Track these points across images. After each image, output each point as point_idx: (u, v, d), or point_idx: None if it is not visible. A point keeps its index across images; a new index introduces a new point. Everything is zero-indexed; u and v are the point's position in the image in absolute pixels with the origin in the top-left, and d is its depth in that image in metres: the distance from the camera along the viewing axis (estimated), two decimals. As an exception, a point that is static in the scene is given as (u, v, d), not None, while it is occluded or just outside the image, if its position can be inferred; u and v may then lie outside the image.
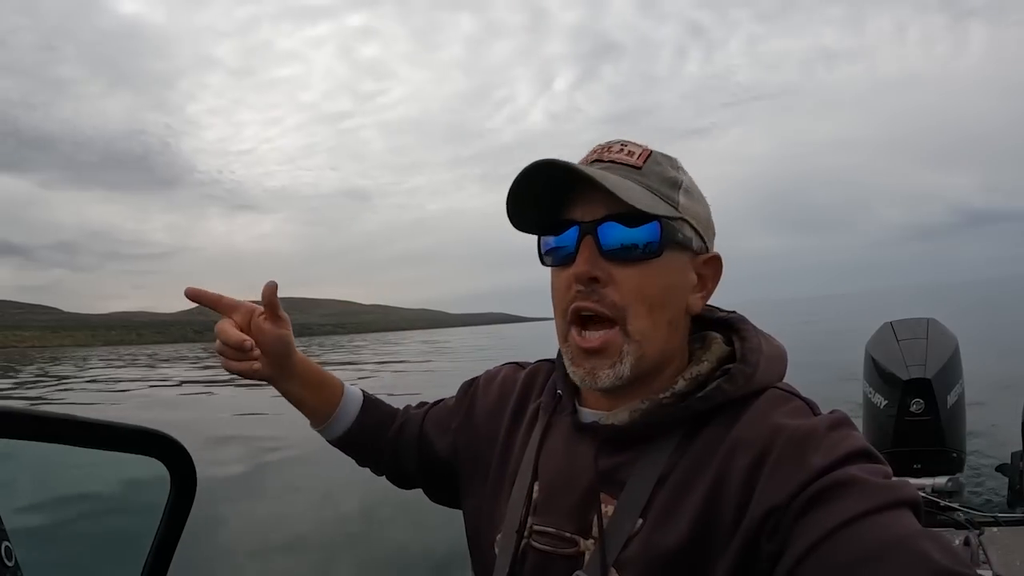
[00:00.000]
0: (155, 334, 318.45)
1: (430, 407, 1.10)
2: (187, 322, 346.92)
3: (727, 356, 0.81)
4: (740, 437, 0.72)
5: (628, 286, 0.76)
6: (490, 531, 0.90)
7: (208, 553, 4.62)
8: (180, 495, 0.91)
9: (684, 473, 0.74)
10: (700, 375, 0.78)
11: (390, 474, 1.10)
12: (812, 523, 0.61)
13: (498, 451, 0.95)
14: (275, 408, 9.76)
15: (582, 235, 0.76)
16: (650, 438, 0.78)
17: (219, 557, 4.79)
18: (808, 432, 0.68)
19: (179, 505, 0.91)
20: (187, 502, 0.92)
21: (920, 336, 3.12)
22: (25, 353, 61.68)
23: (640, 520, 0.74)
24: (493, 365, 1.08)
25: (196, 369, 32.13)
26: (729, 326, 0.84)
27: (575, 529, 0.79)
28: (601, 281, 0.76)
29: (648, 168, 0.78)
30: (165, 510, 0.90)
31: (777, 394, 0.76)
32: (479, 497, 0.95)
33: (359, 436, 1.05)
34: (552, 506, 0.83)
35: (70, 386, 24.12)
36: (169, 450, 0.90)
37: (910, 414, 2.92)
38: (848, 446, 0.66)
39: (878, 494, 0.61)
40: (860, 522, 0.59)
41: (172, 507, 0.91)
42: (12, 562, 0.66)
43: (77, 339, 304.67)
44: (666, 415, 0.77)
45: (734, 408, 0.75)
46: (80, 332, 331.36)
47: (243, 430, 10.90)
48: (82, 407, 14.82)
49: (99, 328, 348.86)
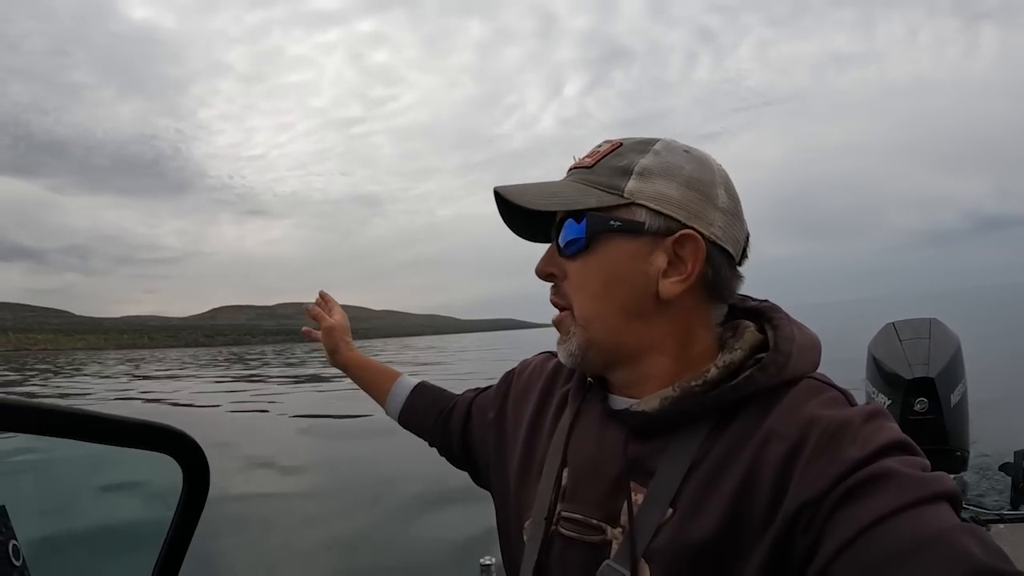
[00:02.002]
0: (167, 338, 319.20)
1: (479, 392, 1.14)
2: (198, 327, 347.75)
3: (760, 345, 0.77)
4: (773, 427, 0.68)
5: (572, 279, 0.80)
6: (519, 517, 0.88)
7: (221, 553, 4.58)
8: (193, 493, 0.87)
9: (715, 463, 0.71)
10: (732, 363, 0.75)
11: (443, 451, 1.18)
12: (848, 518, 0.58)
13: (524, 436, 0.93)
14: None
15: (553, 238, 0.82)
16: (680, 427, 0.74)
17: (232, 557, 4.75)
18: (843, 423, 0.65)
19: (191, 503, 0.87)
20: (200, 500, 0.88)
21: (923, 336, 3.09)
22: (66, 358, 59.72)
23: (670, 510, 0.71)
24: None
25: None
26: (761, 315, 0.81)
27: (603, 516, 0.77)
28: (558, 276, 0.82)
29: (602, 164, 0.79)
30: (177, 508, 0.86)
31: (812, 384, 0.73)
32: (507, 482, 0.94)
33: (411, 416, 1.21)
34: (581, 493, 0.80)
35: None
36: (182, 447, 0.86)
37: (914, 413, 2.89)
38: (884, 438, 0.63)
39: (915, 488, 0.58)
40: (897, 517, 0.56)
41: (184, 505, 0.86)
42: (20, 561, 0.63)
43: (89, 342, 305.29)
44: (697, 403, 0.73)
45: (767, 398, 0.71)
46: (92, 335, 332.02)
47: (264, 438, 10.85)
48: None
49: (111, 332, 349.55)
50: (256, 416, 12.05)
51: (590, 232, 0.76)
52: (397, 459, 6.46)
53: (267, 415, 11.58)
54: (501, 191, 0.81)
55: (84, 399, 19.89)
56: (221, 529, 4.93)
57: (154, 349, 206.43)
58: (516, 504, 0.90)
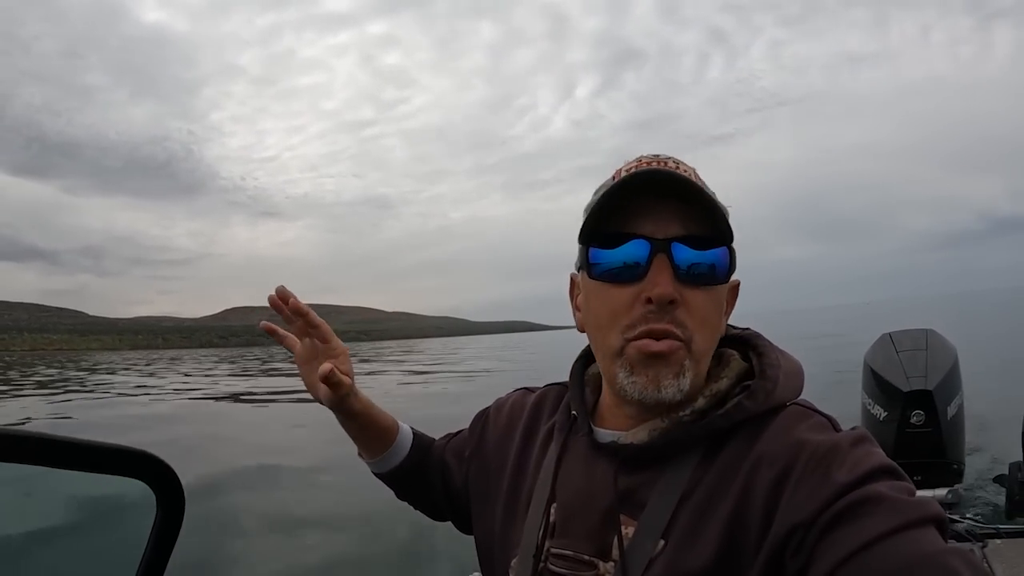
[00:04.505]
0: (181, 339, 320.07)
1: (451, 437, 1.07)
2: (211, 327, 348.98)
3: (745, 373, 0.77)
4: (763, 453, 0.68)
5: (697, 310, 0.71)
6: (504, 556, 0.84)
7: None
8: (167, 519, 0.82)
9: (707, 492, 0.69)
10: (720, 392, 0.74)
11: (423, 506, 1.07)
12: (838, 541, 0.58)
13: (510, 475, 0.89)
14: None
15: (654, 252, 0.70)
16: (669, 457, 0.73)
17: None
18: (831, 448, 0.65)
19: (166, 530, 0.82)
20: (175, 527, 0.83)
21: (920, 347, 3.04)
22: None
23: (662, 541, 0.69)
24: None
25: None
26: (745, 342, 0.80)
27: (594, 552, 0.74)
28: (675, 303, 0.70)
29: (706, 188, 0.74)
30: (151, 536, 0.81)
31: (798, 410, 0.73)
32: (492, 522, 0.89)
33: (411, 470, 1.02)
34: (570, 528, 0.77)
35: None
36: (155, 471, 0.81)
37: (911, 425, 2.84)
38: (872, 462, 0.63)
39: (904, 511, 0.58)
40: (887, 540, 0.56)
41: (158, 532, 0.81)
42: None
43: (104, 343, 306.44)
44: (686, 433, 0.72)
45: (755, 424, 0.71)
46: (107, 336, 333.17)
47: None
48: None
49: (126, 332, 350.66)
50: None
51: (731, 266, 0.74)
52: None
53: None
54: (685, 179, 0.69)
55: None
56: (199, 555, 4.67)
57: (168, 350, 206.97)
58: (501, 543, 0.86)
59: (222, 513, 5.92)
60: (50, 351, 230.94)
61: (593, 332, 0.77)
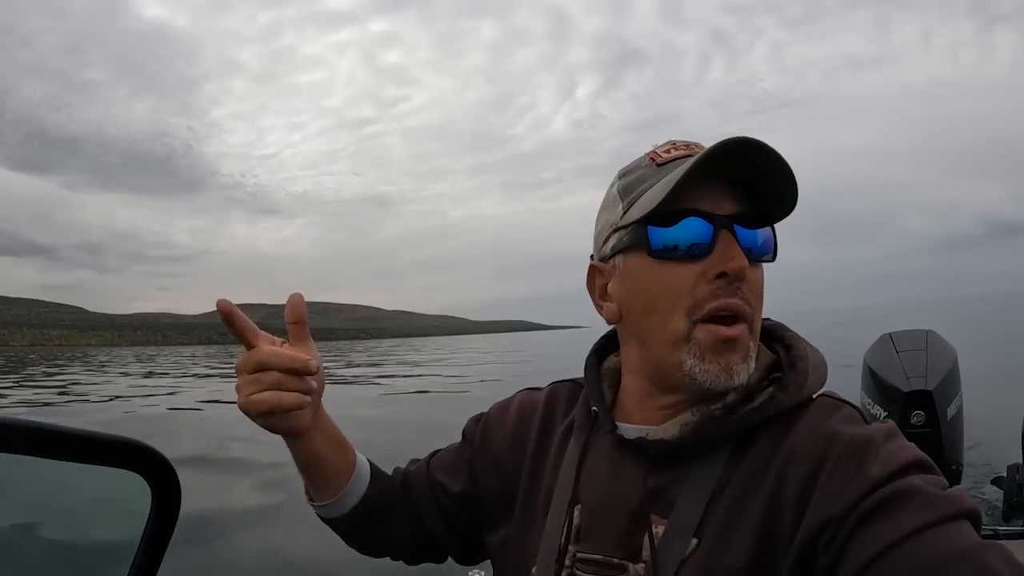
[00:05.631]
0: (180, 335, 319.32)
1: (431, 457, 0.95)
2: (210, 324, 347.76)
3: (772, 364, 0.74)
4: (796, 446, 0.65)
5: (755, 286, 0.70)
6: (522, 564, 0.78)
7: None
8: (162, 513, 0.79)
9: (739, 487, 0.66)
10: (749, 385, 0.70)
11: (403, 543, 0.93)
12: (872, 535, 0.56)
13: (525, 478, 0.84)
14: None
15: (719, 228, 0.68)
16: (699, 453, 0.69)
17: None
18: (865, 441, 0.62)
19: (161, 524, 0.79)
20: (170, 520, 0.79)
21: (920, 348, 3.02)
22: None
23: (694, 540, 0.66)
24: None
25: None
26: (770, 334, 0.77)
27: (623, 554, 0.70)
28: (744, 279, 0.68)
29: None
30: (145, 529, 0.78)
31: (827, 401, 0.70)
32: (507, 529, 0.84)
33: (376, 503, 0.87)
34: (597, 531, 0.73)
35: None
36: (151, 463, 0.78)
37: (911, 426, 2.82)
38: (906, 456, 0.61)
39: (938, 506, 0.56)
40: (922, 535, 0.54)
41: (154, 526, 0.78)
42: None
43: (104, 339, 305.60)
44: (718, 428, 0.69)
45: (786, 417, 0.68)
46: (106, 332, 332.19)
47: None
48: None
49: (125, 328, 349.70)
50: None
51: (776, 244, 0.74)
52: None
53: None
54: (770, 149, 0.65)
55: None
56: (195, 551, 4.61)
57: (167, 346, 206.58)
58: (518, 550, 0.81)
59: (219, 512, 5.89)
60: (49, 347, 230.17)
61: (644, 318, 0.72)
